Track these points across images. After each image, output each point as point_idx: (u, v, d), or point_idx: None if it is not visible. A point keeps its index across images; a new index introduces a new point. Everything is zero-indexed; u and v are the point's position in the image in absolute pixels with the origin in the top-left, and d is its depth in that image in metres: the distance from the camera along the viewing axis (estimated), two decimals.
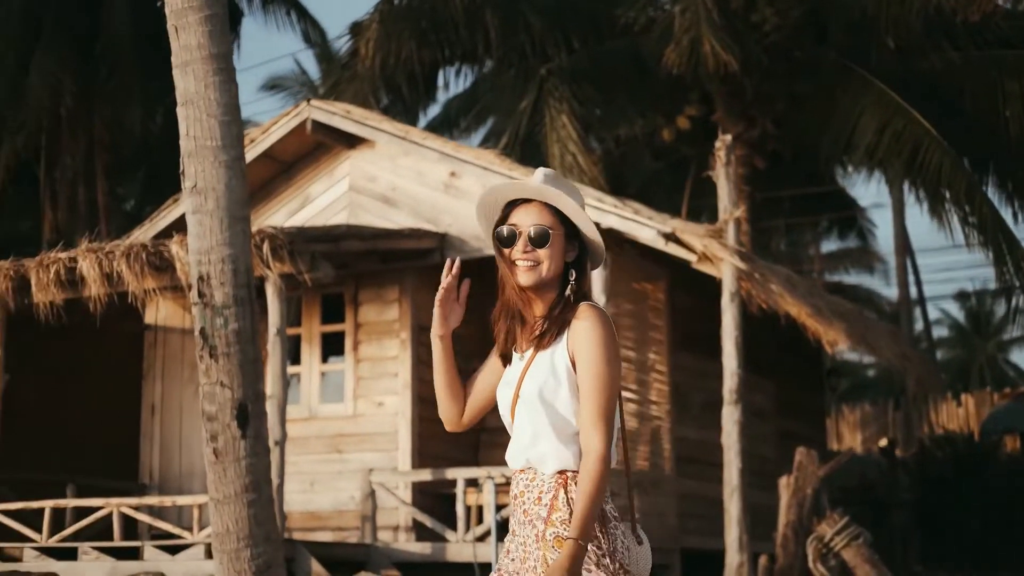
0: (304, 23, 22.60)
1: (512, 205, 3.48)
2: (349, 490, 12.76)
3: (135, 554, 11.12)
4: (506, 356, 3.51)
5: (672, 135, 18.13)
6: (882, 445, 18.20)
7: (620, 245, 11.97)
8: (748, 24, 15.97)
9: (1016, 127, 15.65)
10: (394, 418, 12.60)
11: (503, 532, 10.17)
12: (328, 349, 13.35)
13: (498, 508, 10.86)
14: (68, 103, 19.53)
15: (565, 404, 3.35)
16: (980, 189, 15.88)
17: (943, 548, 17.37)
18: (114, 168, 21.27)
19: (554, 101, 16.09)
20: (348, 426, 12.92)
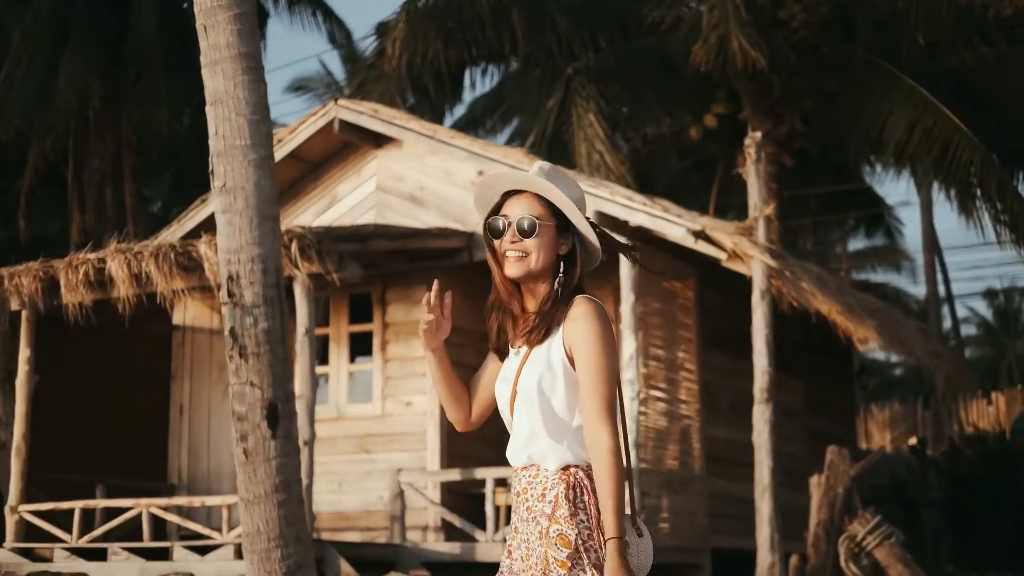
0: (330, 24, 22.61)
1: (507, 197, 3.46)
2: (377, 490, 12.74)
3: (164, 555, 11.13)
4: (500, 351, 3.50)
5: (699, 133, 18.06)
6: (912, 444, 18.08)
7: (648, 243, 11.92)
8: (776, 21, 15.88)
9: None
10: (422, 418, 12.57)
11: None
12: (356, 349, 13.34)
13: None
14: (96, 105, 19.59)
15: (562, 399, 3.33)
16: (1011, 186, 15.76)
17: (974, 547, 17.24)
18: (141, 170, 21.33)
19: (581, 100, 16.04)
20: (376, 426, 12.91)
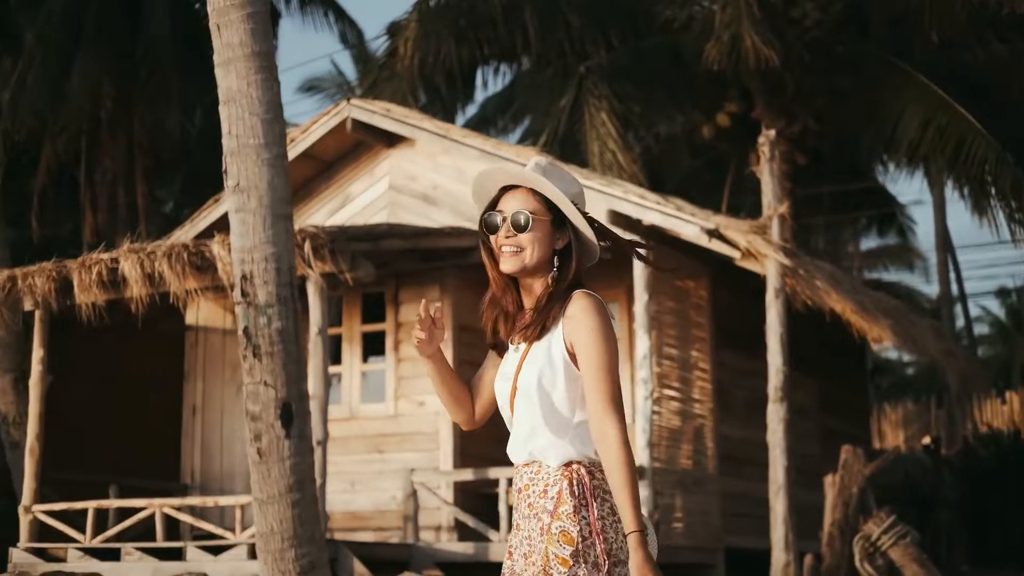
0: (342, 24, 22.59)
1: (504, 192, 3.48)
2: (390, 490, 12.72)
3: (178, 555, 11.12)
4: (496, 347, 3.50)
5: (711, 132, 18.00)
6: (926, 443, 18.04)
7: (661, 242, 11.88)
8: (788, 19, 15.83)
9: None
10: (435, 417, 12.55)
11: None
12: (369, 349, 13.32)
13: None
14: (108, 106, 19.60)
15: (563, 394, 3.32)
16: None
17: (988, 547, 17.20)
18: (153, 170, 21.33)
19: (593, 99, 16.01)
20: (389, 426, 12.89)
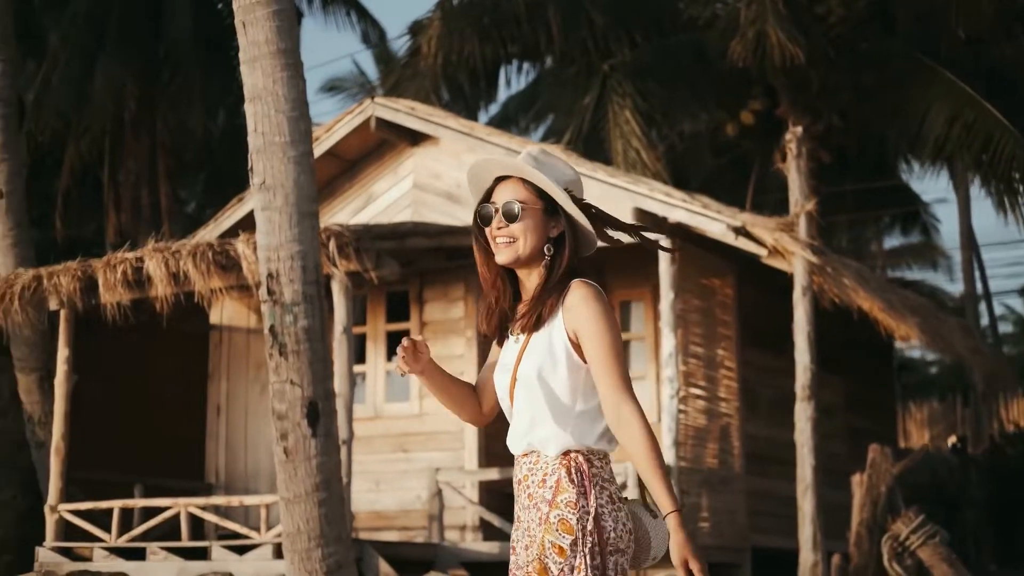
0: (364, 23, 22.59)
1: (498, 183, 3.44)
2: (415, 489, 12.70)
3: (203, 554, 11.12)
4: (492, 338, 3.48)
5: (735, 130, 17.92)
6: (953, 442, 17.92)
7: (687, 240, 11.82)
8: (813, 16, 15.74)
9: None
10: None
11: None
12: (393, 348, 13.27)
13: None
14: (131, 106, 19.65)
15: (563, 384, 3.30)
16: None
17: (1016, 546, 17.08)
18: (176, 171, 21.38)
19: (617, 97, 15.94)
20: (414, 425, 12.86)
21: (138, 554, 11.43)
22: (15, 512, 13.84)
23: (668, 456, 11.39)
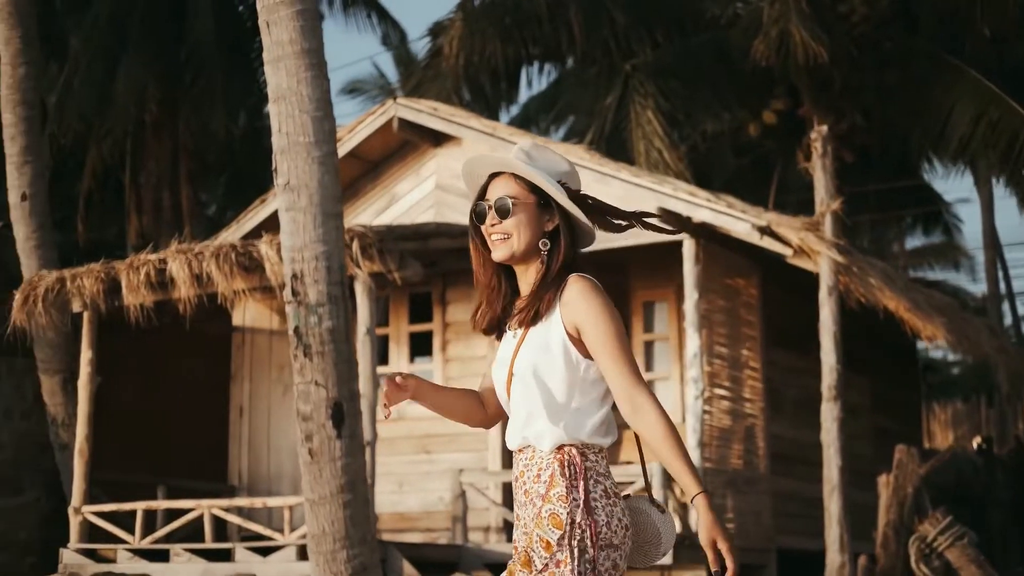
0: (385, 25, 22.58)
1: (492, 179, 3.42)
2: (438, 491, 12.66)
3: (227, 556, 11.11)
4: (490, 335, 3.47)
5: (758, 130, 17.85)
6: (978, 443, 17.79)
7: (712, 240, 11.76)
8: (836, 14, 15.67)
9: None
10: None
11: None
12: (416, 349, 13.28)
13: None
14: (153, 109, 19.67)
15: (561, 379, 3.27)
16: None
17: None
18: (198, 173, 21.39)
19: (639, 97, 15.89)
20: (437, 426, 12.82)
21: (162, 556, 11.43)
22: (39, 514, 13.86)
23: (693, 457, 11.33)
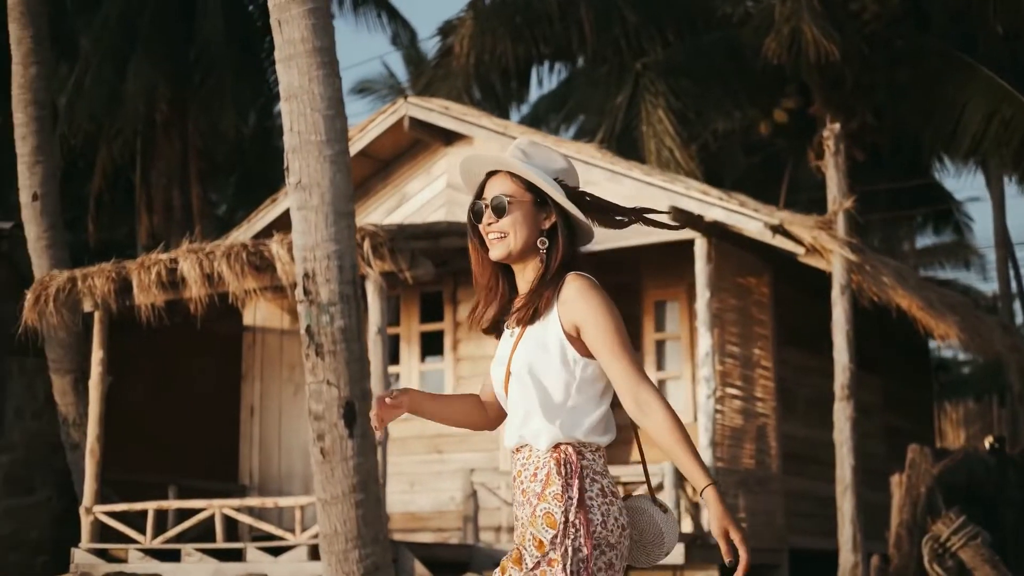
0: (395, 24, 22.56)
1: (489, 178, 3.41)
2: (450, 490, 12.64)
3: (238, 556, 11.10)
4: (489, 333, 3.45)
5: (768, 129, 17.81)
6: (990, 442, 17.72)
7: (723, 238, 11.72)
8: (848, 13, 15.63)
9: None
10: None
11: None
12: (427, 348, 13.26)
13: None
14: (163, 109, 19.68)
15: (556, 379, 3.25)
16: None
17: None
18: (207, 173, 21.40)
19: (650, 96, 15.86)
20: (448, 426, 12.78)
21: (173, 555, 11.42)
22: (50, 514, 13.87)
23: (704, 457, 11.29)
